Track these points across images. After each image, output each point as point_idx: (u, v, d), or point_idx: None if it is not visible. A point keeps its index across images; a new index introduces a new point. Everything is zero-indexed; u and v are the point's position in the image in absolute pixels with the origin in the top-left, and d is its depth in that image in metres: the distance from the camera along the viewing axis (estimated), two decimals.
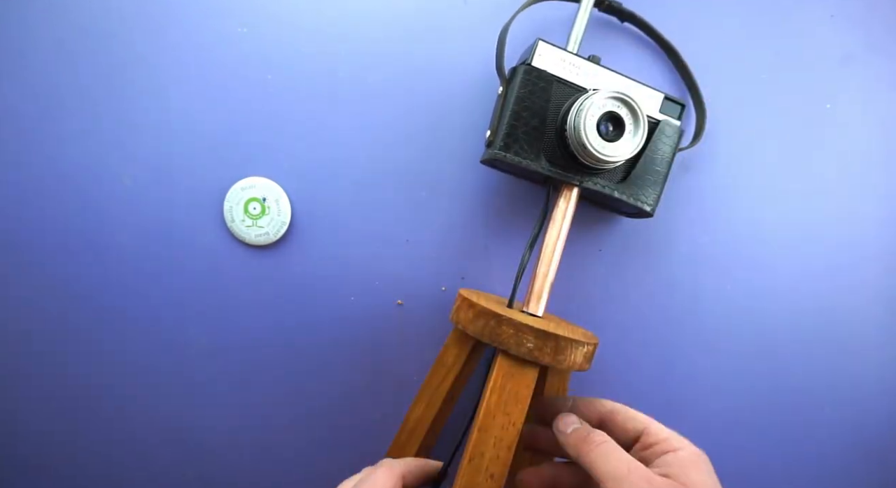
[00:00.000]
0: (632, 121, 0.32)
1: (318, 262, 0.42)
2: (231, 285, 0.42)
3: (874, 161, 0.42)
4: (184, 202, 0.42)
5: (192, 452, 0.43)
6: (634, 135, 0.32)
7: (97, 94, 0.41)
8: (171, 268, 0.42)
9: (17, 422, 0.43)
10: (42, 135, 0.41)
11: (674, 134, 0.36)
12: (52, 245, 0.42)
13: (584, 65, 0.35)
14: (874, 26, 0.42)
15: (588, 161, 0.33)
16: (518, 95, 0.34)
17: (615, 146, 0.32)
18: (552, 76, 0.34)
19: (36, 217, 0.42)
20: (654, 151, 0.36)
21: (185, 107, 0.41)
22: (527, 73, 0.34)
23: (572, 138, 0.33)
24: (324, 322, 0.42)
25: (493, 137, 0.35)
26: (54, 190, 0.42)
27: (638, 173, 0.36)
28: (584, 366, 0.32)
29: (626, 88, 0.35)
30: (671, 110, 0.36)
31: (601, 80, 0.35)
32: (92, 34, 0.41)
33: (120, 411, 0.43)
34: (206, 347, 0.42)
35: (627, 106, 0.32)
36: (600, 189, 0.35)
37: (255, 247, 0.42)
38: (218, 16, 0.41)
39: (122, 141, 0.42)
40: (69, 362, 0.43)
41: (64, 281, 0.42)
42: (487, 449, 0.30)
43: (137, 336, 0.42)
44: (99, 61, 0.41)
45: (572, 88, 0.35)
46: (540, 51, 0.34)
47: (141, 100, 0.41)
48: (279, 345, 0.42)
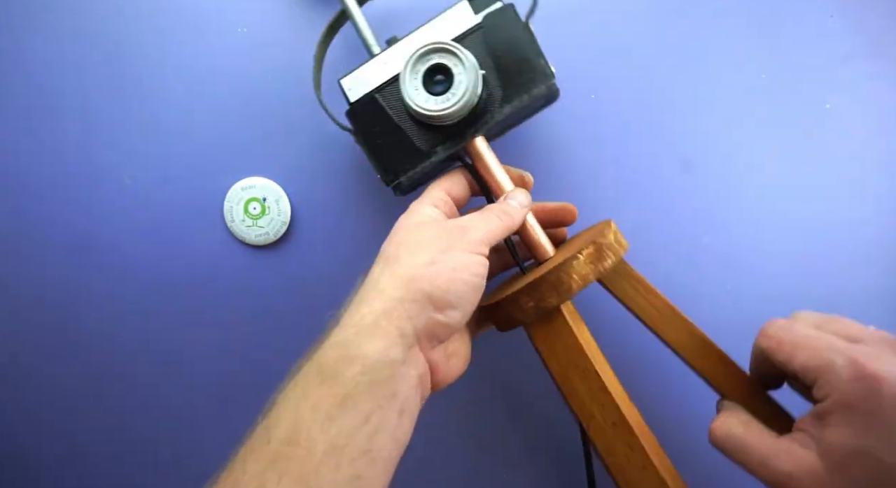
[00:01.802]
0: (450, 56, 0.30)
1: (317, 262, 0.42)
2: (231, 285, 0.42)
3: (874, 161, 0.42)
4: (184, 202, 0.42)
5: (191, 452, 0.43)
6: (465, 62, 0.30)
7: (97, 93, 0.41)
8: (170, 268, 0.42)
9: (16, 421, 0.43)
10: (42, 135, 0.42)
11: (507, 15, 0.33)
12: (52, 245, 0.42)
13: (388, 55, 0.33)
14: (874, 26, 0.41)
15: (453, 119, 0.31)
16: (363, 133, 0.34)
17: (457, 87, 0.30)
18: (372, 93, 0.33)
19: (36, 217, 0.42)
20: (507, 43, 0.32)
21: (186, 106, 0.41)
22: (352, 114, 0.34)
23: (422, 117, 0.32)
24: (324, 322, 0.42)
25: (382, 176, 0.34)
26: (54, 190, 0.42)
27: (509, 74, 0.33)
28: (602, 266, 0.30)
29: (426, 37, 0.33)
30: (486, 1, 0.33)
31: (408, 50, 0.32)
32: (93, 33, 0.41)
33: (119, 410, 0.43)
34: (206, 347, 0.42)
35: (433, 52, 0.30)
36: (495, 119, 0.33)
37: (255, 247, 0.42)
38: (218, 16, 0.41)
39: (122, 141, 0.42)
40: (68, 361, 0.43)
41: (64, 280, 0.42)
42: (590, 407, 0.30)
43: (137, 336, 0.42)
44: (100, 60, 0.41)
45: (395, 83, 0.33)
46: (348, 86, 0.33)
47: (141, 99, 0.41)
48: (279, 345, 0.42)
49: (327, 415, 0.24)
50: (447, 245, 0.28)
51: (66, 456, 0.43)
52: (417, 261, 0.27)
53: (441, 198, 0.32)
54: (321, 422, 0.24)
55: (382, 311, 0.26)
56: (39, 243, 0.42)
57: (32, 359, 0.43)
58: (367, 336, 0.26)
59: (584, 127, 0.41)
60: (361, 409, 0.24)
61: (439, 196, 0.32)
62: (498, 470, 0.42)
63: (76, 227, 0.42)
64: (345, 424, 0.24)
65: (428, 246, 0.28)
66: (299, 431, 0.24)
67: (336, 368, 0.25)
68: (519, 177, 0.35)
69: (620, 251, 0.32)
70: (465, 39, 0.33)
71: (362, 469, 0.24)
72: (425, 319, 0.27)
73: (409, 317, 0.27)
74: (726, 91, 0.42)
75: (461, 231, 0.29)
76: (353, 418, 0.24)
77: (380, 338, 0.26)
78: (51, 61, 0.41)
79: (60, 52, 0.41)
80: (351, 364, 0.25)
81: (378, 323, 0.26)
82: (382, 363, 0.25)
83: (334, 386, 0.25)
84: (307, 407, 0.24)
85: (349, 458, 0.23)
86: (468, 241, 0.28)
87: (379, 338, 0.26)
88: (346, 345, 0.26)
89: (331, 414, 0.24)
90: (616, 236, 0.32)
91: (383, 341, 0.26)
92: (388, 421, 0.25)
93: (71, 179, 0.41)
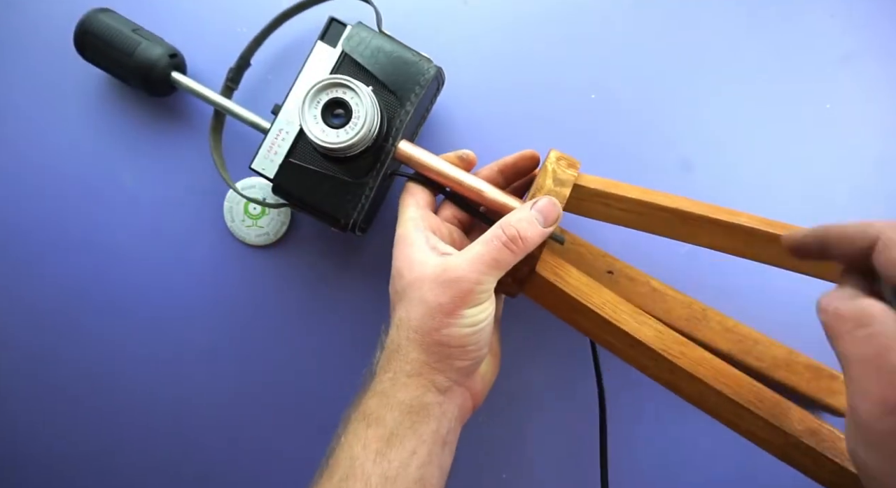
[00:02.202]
0: (341, 89, 0.31)
1: (317, 262, 0.42)
2: (231, 285, 0.42)
3: (874, 161, 0.42)
4: (184, 202, 0.42)
5: (191, 451, 0.43)
6: (356, 87, 0.31)
7: (97, 93, 0.41)
8: (171, 268, 0.42)
9: (16, 420, 0.43)
10: (42, 135, 0.42)
11: (361, 33, 0.34)
12: (52, 245, 0.42)
13: (280, 122, 0.34)
14: (874, 26, 0.42)
15: (367, 142, 0.32)
16: (297, 197, 0.34)
17: (358, 115, 0.31)
18: (285, 160, 0.34)
19: (36, 217, 0.42)
20: (375, 55, 0.34)
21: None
22: (279, 188, 0.34)
23: (338, 154, 0.32)
24: (324, 322, 0.42)
25: (335, 224, 0.35)
26: (54, 190, 0.42)
27: (394, 78, 0.34)
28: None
29: (305, 86, 0.33)
30: (337, 30, 0.35)
31: (294, 105, 0.34)
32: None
33: (119, 409, 0.43)
34: (206, 347, 0.42)
35: (322, 90, 0.31)
36: (404, 122, 0.33)
37: (255, 247, 0.42)
38: (219, 17, 0.41)
39: (122, 141, 0.42)
40: (68, 361, 0.43)
41: (64, 280, 0.42)
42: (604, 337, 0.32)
43: (137, 335, 0.42)
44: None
45: (300, 141, 0.34)
46: (262, 167, 0.34)
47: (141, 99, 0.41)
48: (279, 345, 0.42)
49: (377, 452, 0.27)
50: (451, 304, 0.28)
51: (67, 457, 0.43)
52: (429, 325, 0.28)
53: (418, 215, 0.32)
54: (372, 459, 0.27)
55: (412, 371, 0.29)
56: (39, 243, 0.42)
57: (32, 360, 0.43)
58: (402, 387, 0.29)
59: (584, 127, 0.41)
60: (407, 446, 0.27)
61: (415, 214, 0.32)
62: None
63: (76, 227, 0.42)
64: (394, 458, 0.27)
65: (434, 304, 0.28)
66: (354, 467, 0.27)
67: (378, 413, 0.28)
68: (458, 158, 0.35)
69: (566, 190, 0.31)
70: (339, 70, 0.34)
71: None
72: (454, 370, 0.29)
73: (438, 371, 0.29)
74: (726, 91, 0.42)
75: (458, 285, 0.28)
76: (399, 453, 0.27)
77: (413, 389, 0.28)
78: (52, 60, 0.41)
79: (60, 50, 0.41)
80: (391, 409, 0.28)
81: (410, 378, 0.29)
82: (419, 406, 0.28)
83: (379, 429, 0.28)
84: (359, 448, 0.27)
85: (403, 487, 0.26)
86: (469, 297, 0.28)
87: (412, 389, 0.28)
88: (384, 393, 0.29)
89: (380, 450, 0.27)
90: (555, 176, 0.31)
91: (416, 390, 0.28)
92: (433, 453, 0.28)
93: (71, 179, 0.41)
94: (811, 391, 0.38)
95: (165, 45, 0.38)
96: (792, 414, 0.28)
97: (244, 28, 0.40)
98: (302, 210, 0.36)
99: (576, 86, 0.42)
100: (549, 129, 0.42)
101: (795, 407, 0.29)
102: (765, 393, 0.29)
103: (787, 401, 0.29)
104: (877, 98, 0.42)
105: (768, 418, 0.28)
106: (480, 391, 0.32)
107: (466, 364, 0.29)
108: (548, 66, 0.42)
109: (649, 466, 0.41)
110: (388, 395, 0.28)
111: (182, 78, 0.38)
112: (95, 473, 0.44)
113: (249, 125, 0.37)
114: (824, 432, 0.28)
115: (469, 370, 0.30)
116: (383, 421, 0.28)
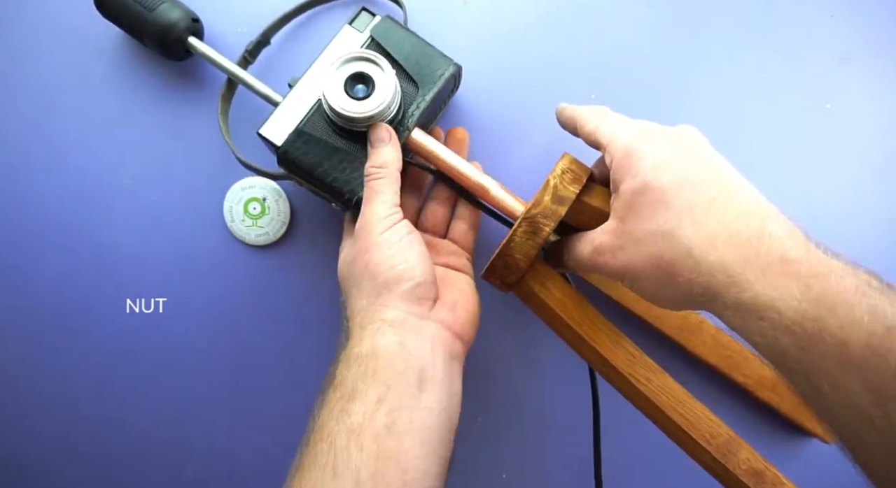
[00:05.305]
0: (372, 65, 0.33)
1: (317, 262, 0.42)
2: (231, 285, 0.42)
3: (874, 161, 0.42)
4: (184, 201, 0.42)
5: (190, 451, 0.43)
6: (384, 67, 0.32)
7: (97, 92, 0.41)
8: (170, 268, 0.42)
9: (16, 422, 0.43)
10: (42, 135, 0.42)
11: (390, 23, 0.36)
12: (52, 245, 0.42)
13: (296, 93, 0.35)
14: (874, 26, 0.42)
15: (385, 118, 0.33)
16: (303, 168, 0.34)
17: (380, 90, 0.32)
18: (297, 129, 0.34)
19: (35, 217, 0.42)
20: (400, 45, 0.35)
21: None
22: (285, 155, 0.34)
23: (355, 126, 0.33)
24: (324, 322, 0.42)
25: (339, 200, 0.34)
26: (54, 190, 0.42)
27: (416, 69, 0.35)
28: (540, 237, 0.31)
29: (329, 63, 0.34)
30: (366, 18, 0.36)
31: (316, 80, 0.35)
32: (93, 33, 0.41)
33: (118, 410, 0.43)
34: (206, 347, 0.42)
35: (353, 61, 0.32)
36: (420, 109, 0.34)
37: (255, 247, 0.42)
38: (219, 18, 0.41)
39: (121, 140, 0.42)
40: (68, 361, 0.43)
41: (64, 281, 0.42)
42: (580, 349, 0.33)
43: (137, 335, 0.42)
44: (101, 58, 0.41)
45: (315, 114, 0.34)
46: (269, 133, 0.34)
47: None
48: (279, 345, 0.42)
49: (341, 411, 0.27)
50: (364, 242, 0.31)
51: (67, 457, 0.43)
52: (359, 270, 0.31)
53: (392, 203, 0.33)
54: (336, 418, 0.27)
55: (363, 321, 0.30)
56: (39, 243, 0.42)
57: (32, 360, 0.43)
58: (358, 342, 0.29)
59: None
60: (370, 395, 0.27)
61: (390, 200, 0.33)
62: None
63: (76, 227, 0.42)
64: (356, 411, 0.27)
65: (354, 253, 0.32)
66: (322, 433, 0.27)
67: (341, 375, 0.29)
68: (455, 140, 0.39)
69: (562, 209, 0.30)
70: None
71: (388, 444, 0.26)
72: (398, 298, 0.30)
73: (383, 306, 0.30)
74: (727, 91, 0.42)
75: (363, 229, 0.31)
76: (362, 404, 0.27)
77: (367, 338, 0.29)
78: (53, 59, 0.41)
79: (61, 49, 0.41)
80: (350, 366, 0.28)
81: (364, 329, 0.29)
82: (378, 352, 0.28)
83: (341, 388, 0.28)
84: (326, 413, 0.28)
85: (371, 437, 0.26)
86: (371, 227, 0.31)
87: (367, 338, 0.29)
88: (346, 357, 0.29)
89: (343, 408, 0.27)
90: (555, 192, 0.31)
91: (371, 338, 0.29)
92: (406, 395, 0.27)
93: (71, 179, 0.41)
94: (793, 414, 0.39)
95: (187, 10, 0.38)
96: (741, 453, 0.30)
97: (267, 8, 0.40)
98: (300, 183, 0.36)
99: (576, 86, 0.42)
100: (549, 129, 0.42)
101: (747, 447, 0.30)
102: (720, 429, 0.30)
103: (741, 441, 0.30)
104: (877, 98, 0.42)
105: (715, 454, 0.30)
106: (458, 323, 0.32)
107: (407, 286, 0.30)
108: (548, 66, 0.42)
109: (645, 466, 0.42)
110: (348, 356, 0.29)
111: (199, 43, 0.38)
112: (96, 473, 0.44)
113: (261, 97, 0.37)
114: (768, 474, 0.29)
115: (414, 294, 0.30)
116: (344, 381, 0.28)
